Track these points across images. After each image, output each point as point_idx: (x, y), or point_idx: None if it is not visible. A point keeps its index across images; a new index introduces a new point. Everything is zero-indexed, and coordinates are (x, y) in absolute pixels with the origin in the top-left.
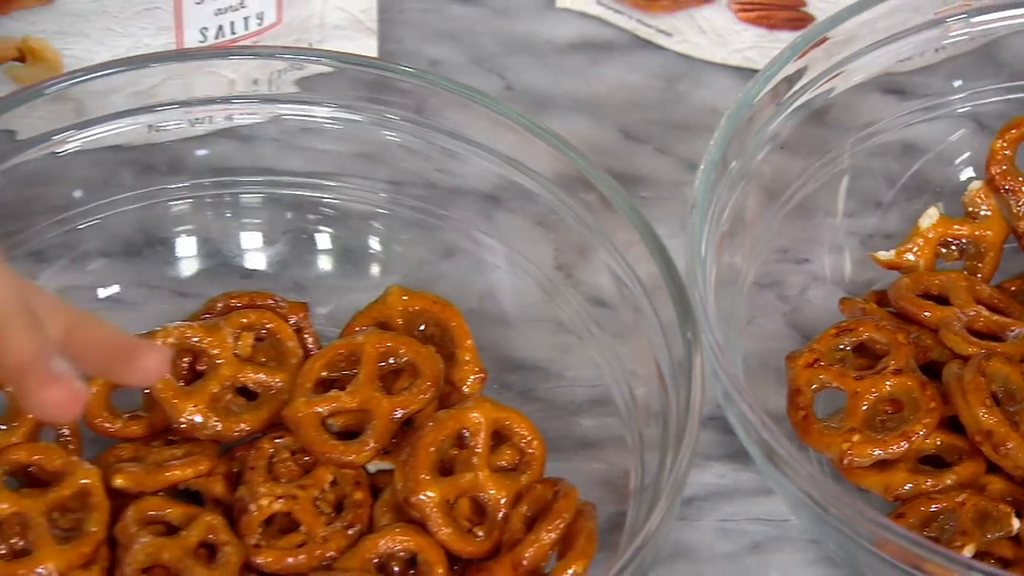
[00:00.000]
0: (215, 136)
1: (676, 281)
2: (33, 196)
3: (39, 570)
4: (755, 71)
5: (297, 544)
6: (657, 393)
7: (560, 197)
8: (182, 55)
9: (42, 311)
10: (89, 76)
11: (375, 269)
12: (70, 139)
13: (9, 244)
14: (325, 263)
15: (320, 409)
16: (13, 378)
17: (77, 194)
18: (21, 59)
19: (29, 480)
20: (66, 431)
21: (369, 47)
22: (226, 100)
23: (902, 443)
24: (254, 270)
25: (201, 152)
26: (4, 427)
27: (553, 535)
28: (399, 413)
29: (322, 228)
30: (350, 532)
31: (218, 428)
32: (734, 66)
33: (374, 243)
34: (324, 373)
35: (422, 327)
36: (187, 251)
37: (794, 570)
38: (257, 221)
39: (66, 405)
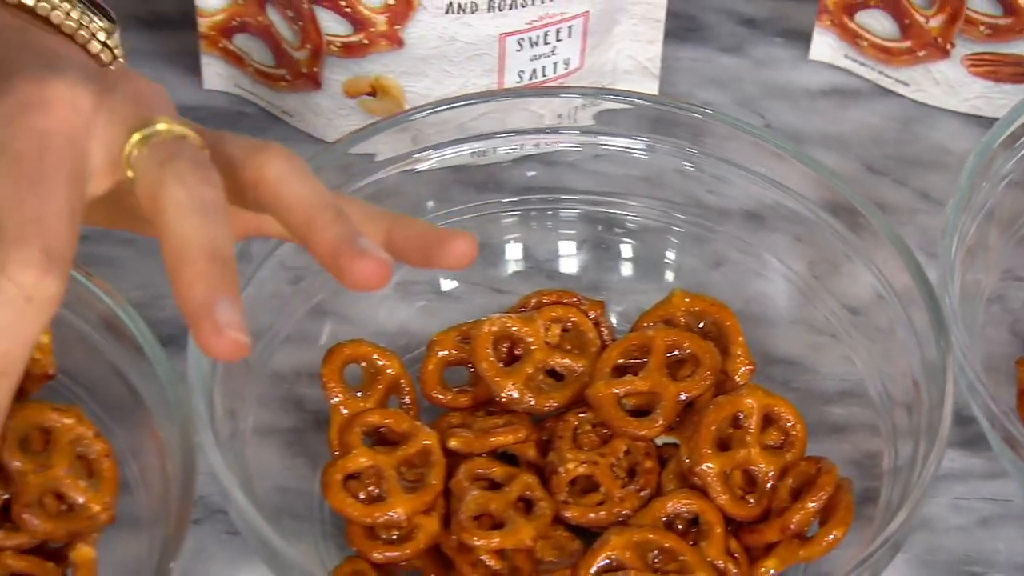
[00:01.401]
0: (525, 160)
1: (930, 293)
2: (384, 207)
3: (391, 514)
4: (982, 118)
5: (597, 502)
6: (908, 388)
7: (819, 215)
8: (503, 93)
9: (360, 215)
10: (433, 111)
11: (658, 275)
12: (416, 161)
13: None
14: (617, 268)
15: (617, 390)
16: (328, 261)
17: (414, 206)
18: (372, 94)
19: (379, 439)
20: (407, 400)
21: (651, 89)
22: (535, 131)
23: None
24: (558, 272)
25: (514, 173)
26: (360, 394)
27: (817, 504)
28: (683, 396)
29: (611, 239)
30: (642, 494)
31: (532, 403)
32: (963, 113)
33: (656, 253)
34: (620, 360)
35: (701, 325)
36: (503, 255)
37: (1018, 543)
38: (561, 231)
39: (375, 276)
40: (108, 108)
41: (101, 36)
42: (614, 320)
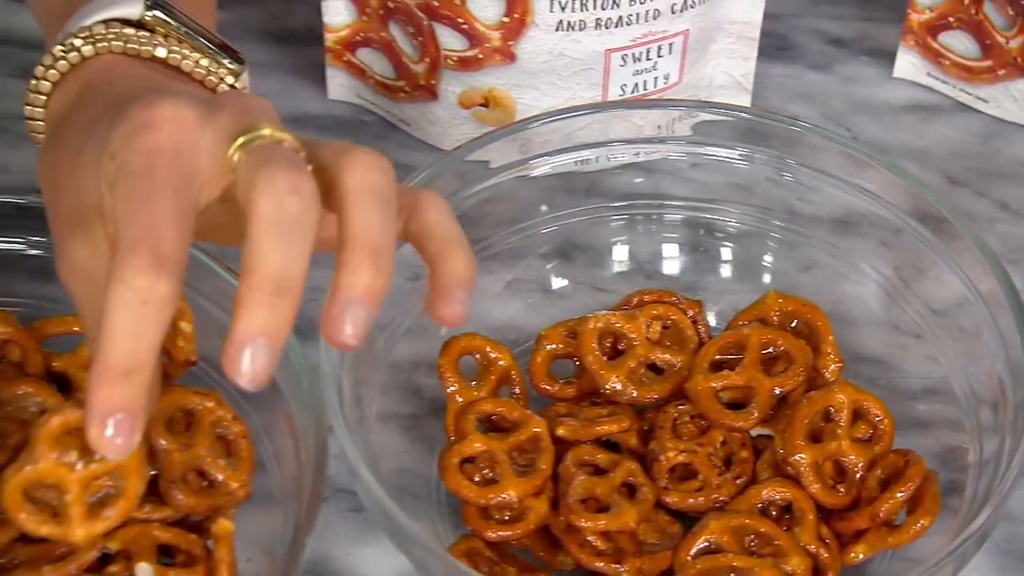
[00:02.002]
0: (625, 168)
1: (1015, 297)
2: (491, 211)
3: (503, 496)
4: None
5: (696, 489)
6: (994, 386)
7: (905, 222)
8: (607, 106)
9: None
10: (544, 121)
11: (751, 277)
12: (526, 168)
13: (473, 248)
14: (712, 270)
15: (714, 384)
16: (365, 256)
17: (525, 210)
18: (485, 105)
19: (492, 426)
20: (517, 390)
21: (744, 103)
22: (635, 141)
23: None
24: (658, 273)
25: (613, 181)
26: (474, 384)
27: (905, 494)
28: (777, 391)
29: (708, 242)
30: (737, 482)
31: (634, 395)
32: None
33: (750, 256)
34: (717, 356)
35: (793, 324)
36: (606, 257)
37: None
38: (661, 235)
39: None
40: (213, 124)
41: (229, 80)
42: (711, 319)
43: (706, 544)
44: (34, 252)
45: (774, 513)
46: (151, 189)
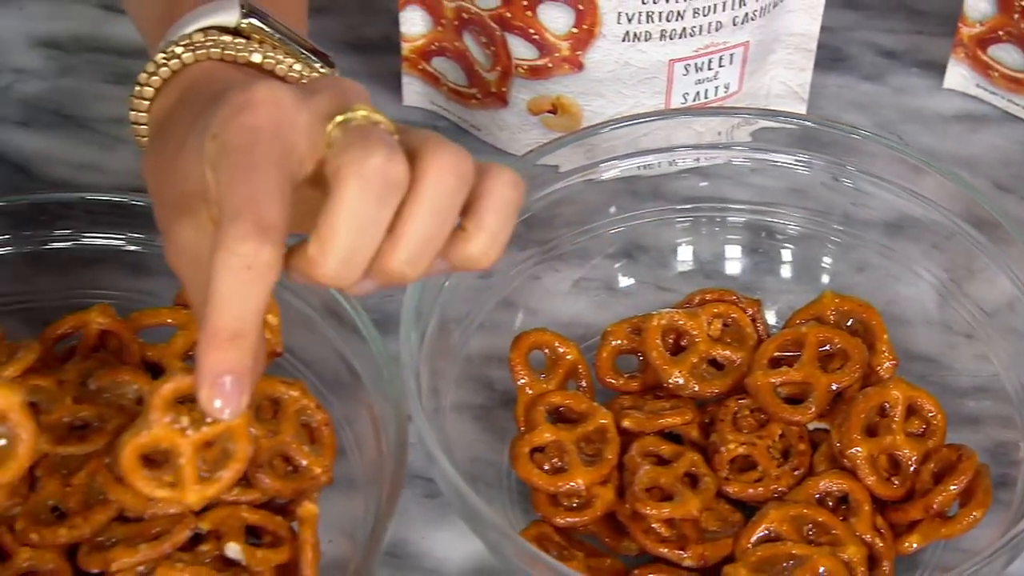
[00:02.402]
0: (686, 173)
1: None
2: (560, 213)
3: (572, 484)
4: None
5: (755, 480)
6: None
7: (957, 225)
8: (669, 113)
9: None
10: (613, 127)
11: (807, 277)
12: (593, 172)
13: (542, 248)
14: (770, 271)
15: (773, 380)
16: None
17: (592, 212)
18: (553, 111)
19: (559, 417)
20: (584, 383)
21: (800, 111)
22: (696, 147)
23: None
24: (718, 273)
25: (676, 185)
26: (544, 376)
27: (959, 487)
28: (834, 387)
29: (765, 244)
30: (795, 473)
31: (696, 389)
32: None
33: (805, 258)
34: (776, 353)
35: (849, 323)
36: (669, 257)
37: None
38: (721, 237)
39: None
40: (309, 104)
41: None
42: (769, 317)
43: (766, 532)
44: (132, 248)
45: (830, 504)
46: (252, 163)
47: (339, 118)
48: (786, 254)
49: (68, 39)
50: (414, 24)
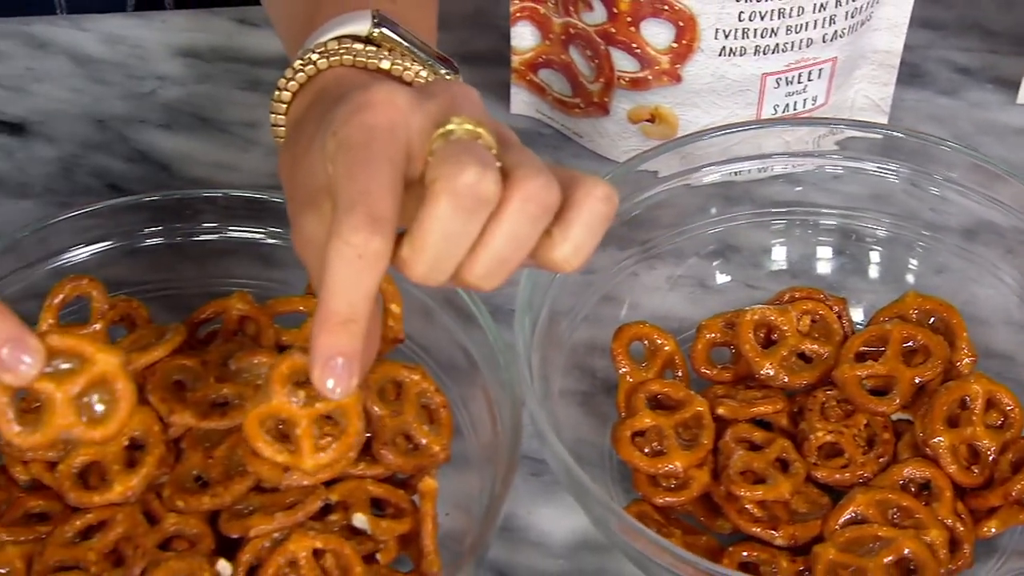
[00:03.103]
0: (773, 179)
1: None
2: (659, 215)
3: (670, 466)
4: None
5: (842, 465)
6: None
7: None
8: (761, 123)
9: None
10: (707, 136)
11: (888, 278)
12: (689, 178)
13: (642, 247)
14: (854, 271)
15: (860, 373)
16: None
17: (687, 215)
18: (651, 120)
19: (657, 404)
20: (680, 373)
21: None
22: (784, 155)
23: None
24: (804, 272)
25: (766, 190)
26: (643, 365)
27: None
28: (917, 380)
29: (849, 246)
30: (880, 460)
31: (785, 380)
32: None
33: (887, 260)
34: (861, 348)
35: (931, 321)
36: (759, 257)
37: None
38: (807, 239)
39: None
40: (422, 108)
41: None
42: (855, 315)
43: (853, 515)
44: (267, 241)
45: (913, 490)
46: (367, 159)
47: (441, 130)
48: (868, 256)
49: (206, 49)
50: (524, 38)
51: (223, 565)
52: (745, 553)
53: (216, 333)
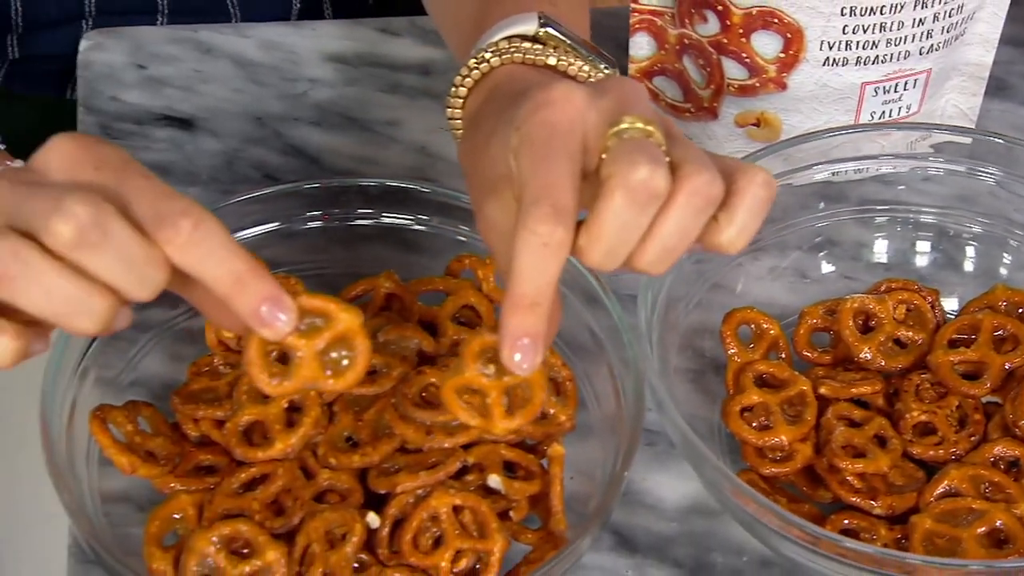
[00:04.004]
0: (868, 180)
1: None
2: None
3: (777, 439)
4: None
5: (935, 443)
6: None
7: None
8: (858, 128)
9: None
10: (809, 140)
11: (977, 272)
12: (791, 177)
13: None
14: (945, 265)
15: (952, 358)
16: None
17: (789, 211)
18: (757, 124)
19: (762, 383)
20: (783, 355)
21: None
22: (879, 157)
23: None
24: (896, 266)
25: (862, 189)
26: (750, 347)
27: None
28: (1007, 366)
29: (940, 242)
30: (971, 439)
31: (882, 363)
32: None
33: (975, 255)
34: (954, 335)
35: (1019, 311)
36: (853, 250)
37: None
38: (898, 235)
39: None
40: (598, 105)
41: None
42: (949, 306)
43: (947, 489)
44: (416, 227)
45: (1002, 467)
46: (549, 154)
47: (616, 128)
48: (957, 251)
49: (352, 55)
50: (641, 48)
51: (372, 517)
52: (847, 521)
53: (365, 308)
